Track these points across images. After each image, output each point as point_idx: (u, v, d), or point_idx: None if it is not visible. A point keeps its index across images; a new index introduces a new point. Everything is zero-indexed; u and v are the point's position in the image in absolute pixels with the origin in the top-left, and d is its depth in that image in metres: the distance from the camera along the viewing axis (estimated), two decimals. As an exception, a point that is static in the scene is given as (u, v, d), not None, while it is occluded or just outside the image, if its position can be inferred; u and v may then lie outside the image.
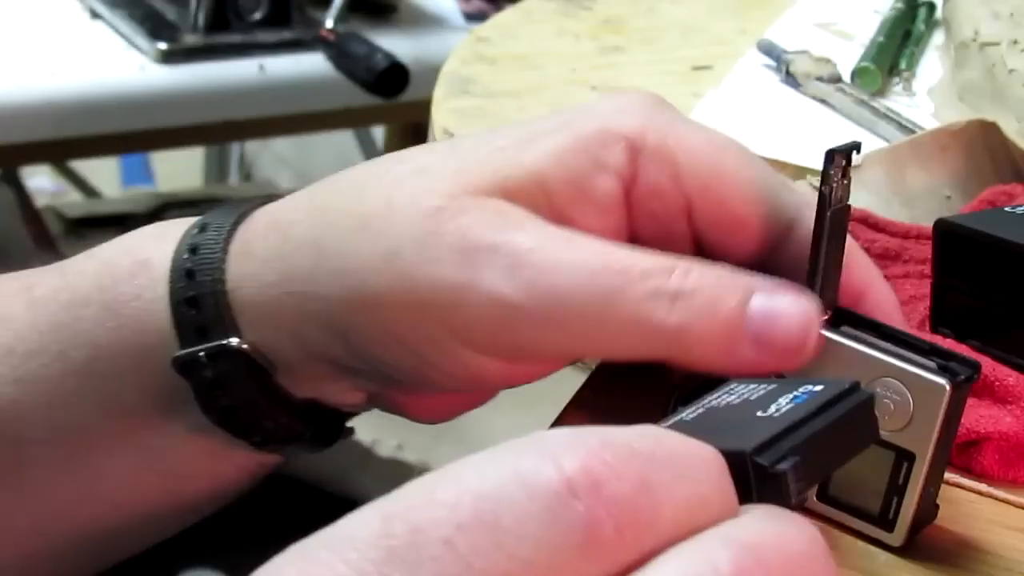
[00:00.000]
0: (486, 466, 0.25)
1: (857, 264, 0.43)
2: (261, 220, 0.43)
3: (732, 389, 0.33)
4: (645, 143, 0.41)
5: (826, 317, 0.40)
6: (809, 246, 0.41)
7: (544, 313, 0.37)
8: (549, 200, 0.39)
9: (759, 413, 0.31)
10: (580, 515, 0.24)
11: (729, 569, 0.24)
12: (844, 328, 0.41)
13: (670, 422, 0.31)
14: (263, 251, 0.42)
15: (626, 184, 0.41)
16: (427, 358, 0.39)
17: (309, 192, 0.43)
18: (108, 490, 0.45)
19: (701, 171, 0.41)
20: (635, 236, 0.42)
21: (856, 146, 0.40)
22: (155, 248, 0.44)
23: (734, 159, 0.42)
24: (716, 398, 0.33)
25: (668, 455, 0.25)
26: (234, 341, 0.42)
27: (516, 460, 0.24)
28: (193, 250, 0.43)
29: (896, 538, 0.42)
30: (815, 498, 0.43)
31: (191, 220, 0.46)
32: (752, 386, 0.33)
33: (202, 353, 0.42)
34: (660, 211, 0.41)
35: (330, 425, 0.45)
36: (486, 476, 0.24)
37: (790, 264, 0.42)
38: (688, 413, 0.32)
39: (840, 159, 0.41)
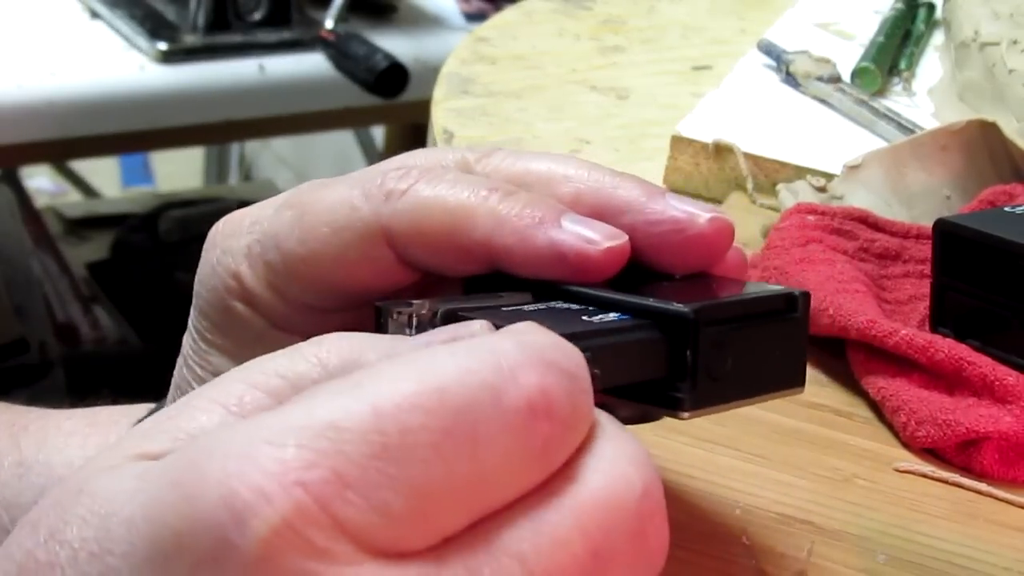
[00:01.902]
0: (461, 375, 0.27)
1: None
2: None
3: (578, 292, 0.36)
4: (250, 286, 0.39)
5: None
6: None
7: None
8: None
9: (584, 317, 0.34)
10: (539, 433, 0.27)
11: (640, 486, 0.28)
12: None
13: (511, 309, 0.34)
14: None
15: (285, 328, 0.39)
16: None
17: None
18: None
19: (281, 280, 0.39)
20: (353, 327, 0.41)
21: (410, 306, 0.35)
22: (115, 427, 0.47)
23: (295, 245, 0.38)
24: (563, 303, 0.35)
25: (580, 370, 0.29)
26: None
27: (485, 373, 0.27)
28: None
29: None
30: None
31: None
32: (596, 291, 0.35)
33: None
34: (316, 321, 0.39)
35: None
36: (464, 385, 0.27)
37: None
38: (529, 305, 0.35)
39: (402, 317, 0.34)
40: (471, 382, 0.27)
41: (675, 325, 0.34)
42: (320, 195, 0.38)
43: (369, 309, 0.36)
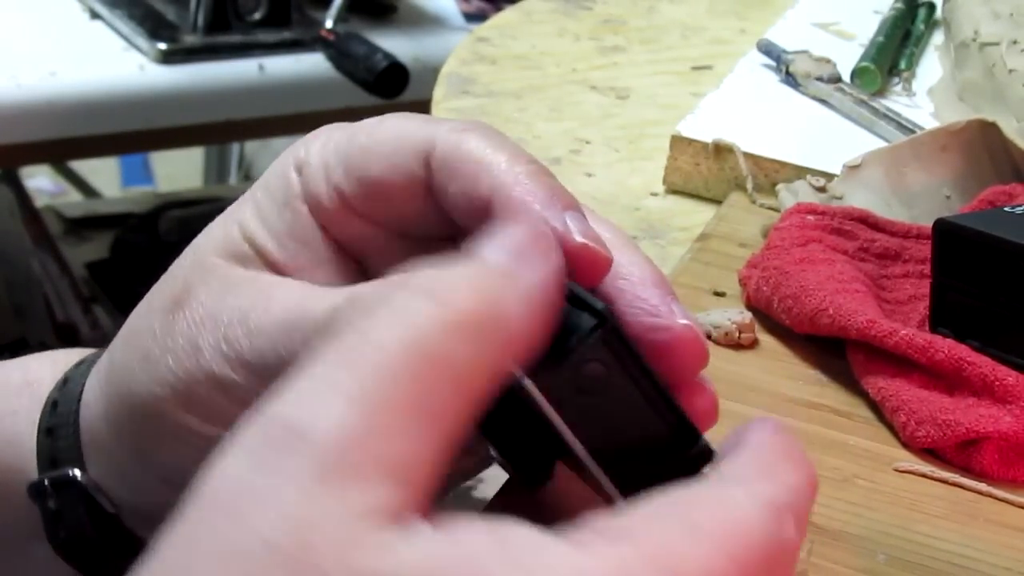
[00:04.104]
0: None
1: (488, 171, 0.37)
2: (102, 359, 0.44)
3: None
4: (308, 158, 0.40)
5: None
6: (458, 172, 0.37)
7: (251, 382, 0.38)
8: (263, 254, 0.40)
9: None
10: None
11: None
12: None
13: None
14: (93, 386, 0.43)
15: (311, 205, 0.40)
16: (201, 449, 0.39)
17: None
18: None
19: (332, 160, 0.40)
20: (360, 249, 0.41)
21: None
22: (48, 372, 0.45)
23: (362, 135, 0.40)
24: None
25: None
26: (75, 472, 0.42)
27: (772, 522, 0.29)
28: (65, 382, 0.44)
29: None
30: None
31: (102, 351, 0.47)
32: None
33: (47, 482, 0.43)
34: (340, 216, 0.40)
35: None
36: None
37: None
38: None
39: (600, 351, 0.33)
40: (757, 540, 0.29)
41: (585, 321, 0.33)
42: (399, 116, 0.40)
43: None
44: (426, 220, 0.39)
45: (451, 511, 0.28)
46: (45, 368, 0.45)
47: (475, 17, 1.46)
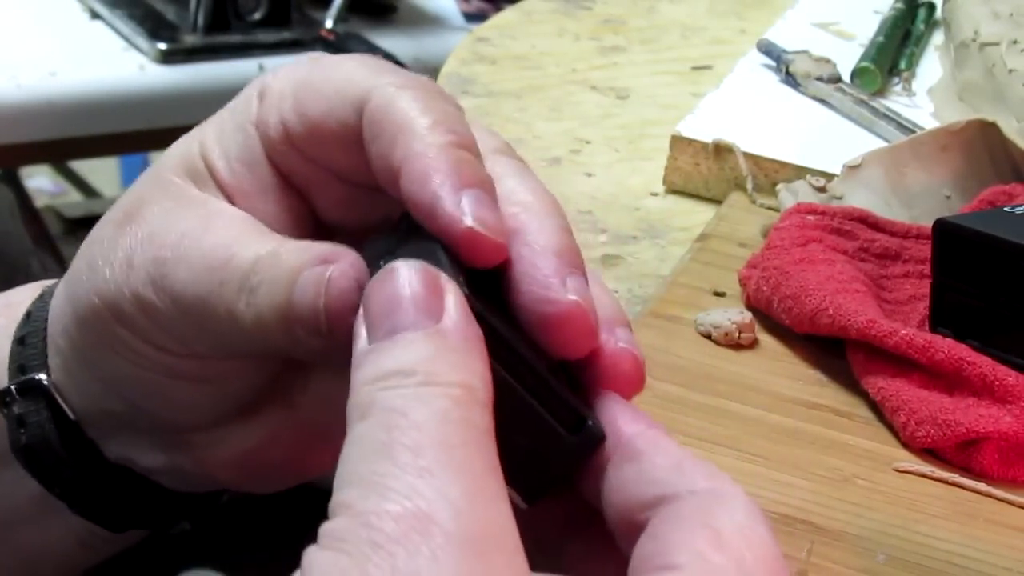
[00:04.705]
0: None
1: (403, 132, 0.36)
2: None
3: None
4: (272, 84, 0.39)
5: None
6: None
7: (171, 310, 0.38)
8: (213, 174, 0.40)
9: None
10: None
11: None
12: None
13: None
14: (58, 291, 0.43)
15: (260, 131, 0.39)
16: (133, 363, 0.40)
17: None
18: None
19: (288, 91, 0.39)
20: (301, 184, 0.40)
21: None
22: (28, 294, 0.45)
23: (318, 72, 0.39)
24: None
25: None
26: (40, 377, 0.42)
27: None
28: (40, 296, 0.44)
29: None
30: None
31: None
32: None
33: (14, 387, 0.42)
34: (283, 148, 0.39)
35: (158, 508, 0.44)
36: None
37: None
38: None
39: None
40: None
41: None
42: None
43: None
44: (361, 170, 0.37)
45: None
46: (26, 291, 0.45)
47: (475, 17, 1.46)
